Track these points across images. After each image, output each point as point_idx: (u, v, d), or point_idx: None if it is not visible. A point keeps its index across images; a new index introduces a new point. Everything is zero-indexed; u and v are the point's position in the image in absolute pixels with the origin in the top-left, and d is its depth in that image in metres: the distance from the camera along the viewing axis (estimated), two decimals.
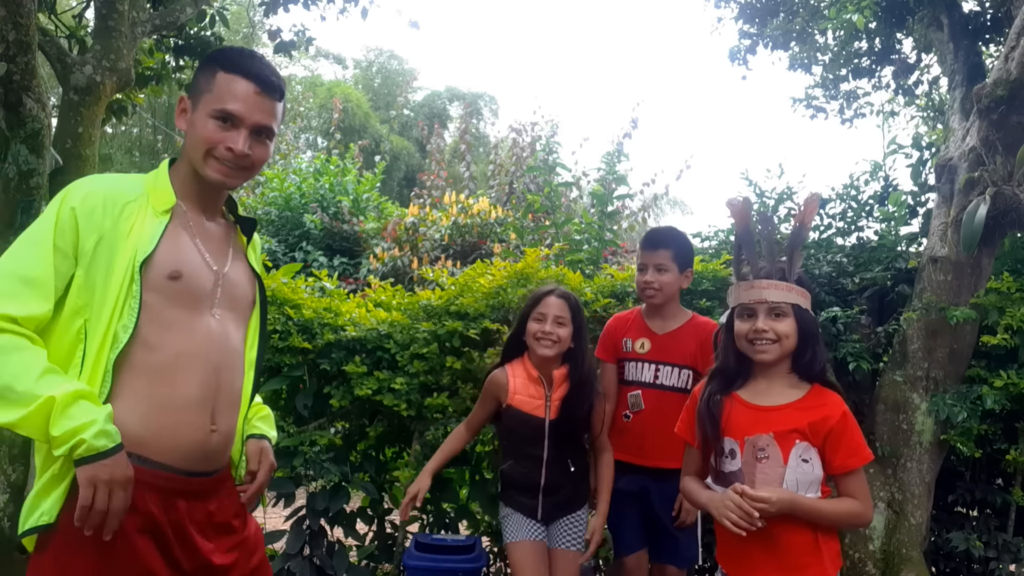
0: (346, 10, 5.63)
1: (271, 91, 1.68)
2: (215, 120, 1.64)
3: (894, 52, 6.19)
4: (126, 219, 1.59)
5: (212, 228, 1.74)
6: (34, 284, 1.51)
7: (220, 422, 1.65)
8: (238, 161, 1.66)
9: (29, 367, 1.45)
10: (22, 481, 3.25)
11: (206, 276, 1.66)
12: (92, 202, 1.57)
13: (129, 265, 1.55)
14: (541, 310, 2.64)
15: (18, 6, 3.16)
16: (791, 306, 1.99)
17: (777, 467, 1.93)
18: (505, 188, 9.14)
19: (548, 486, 2.68)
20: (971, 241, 3.36)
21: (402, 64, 24.29)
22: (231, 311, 1.71)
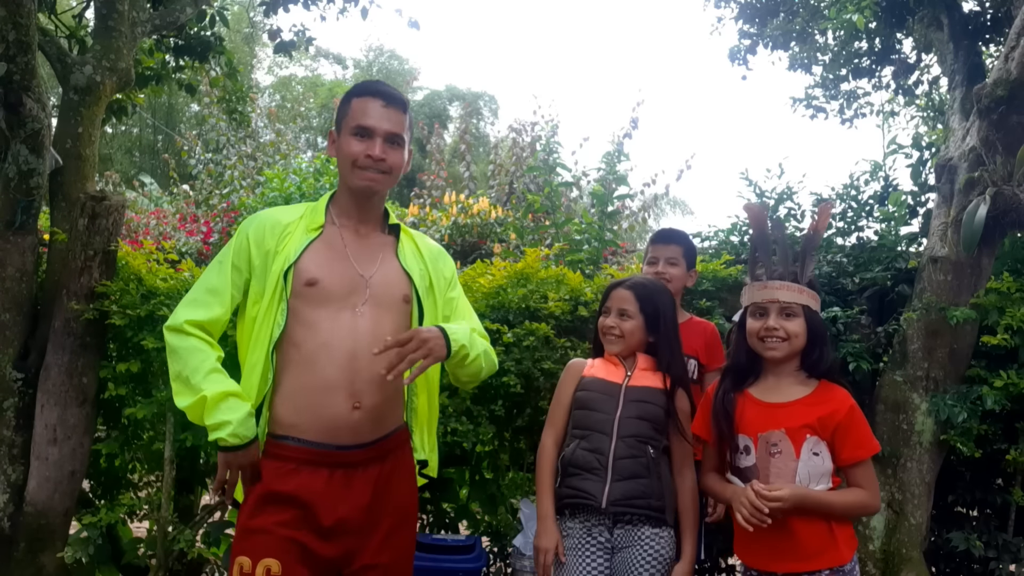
0: (346, 10, 5.63)
1: (395, 104, 2.03)
2: (355, 137, 2.00)
3: (894, 52, 6.19)
4: (283, 239, 1.98)
5: (365, 239, 2.06)
6: (215, 293, 1.97)
7: (364, 400, 1.93)
8: (378, 166, 1.99)
9: (201, 365, 1.88)
10: (22, 481, 3.26)
11: (349, 280, 1.97)
12: (261, 228, 2.00)
13: (279, 275, 1.93)
14: (607, 303, 2.49)
15: (18, 6, 3.16)
16: (801, 307, 2.10)
17: (790, 461, 2.03)
18: (505, 188, 9.13)
19: (619, 464, 2.26)
20: (971, 241, 3.36)
21: (402, 64, 24.30)
22: (379, 307, 1.99)
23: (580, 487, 2.29)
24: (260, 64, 22.27)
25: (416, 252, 2.14)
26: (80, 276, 3.24)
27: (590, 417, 2.35)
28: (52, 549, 3.22)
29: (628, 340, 2.43)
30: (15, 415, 3.29)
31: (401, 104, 2.05)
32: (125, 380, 3.25)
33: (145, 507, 3.39)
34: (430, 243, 2.23)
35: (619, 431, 2.30)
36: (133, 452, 3.45)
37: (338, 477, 1.92)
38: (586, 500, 2.27)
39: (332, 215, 2.06)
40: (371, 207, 2.09)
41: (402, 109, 2.04)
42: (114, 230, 3.28)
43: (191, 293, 2.01)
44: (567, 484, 2.33)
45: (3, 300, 3.33)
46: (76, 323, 3.22)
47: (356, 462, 1.95)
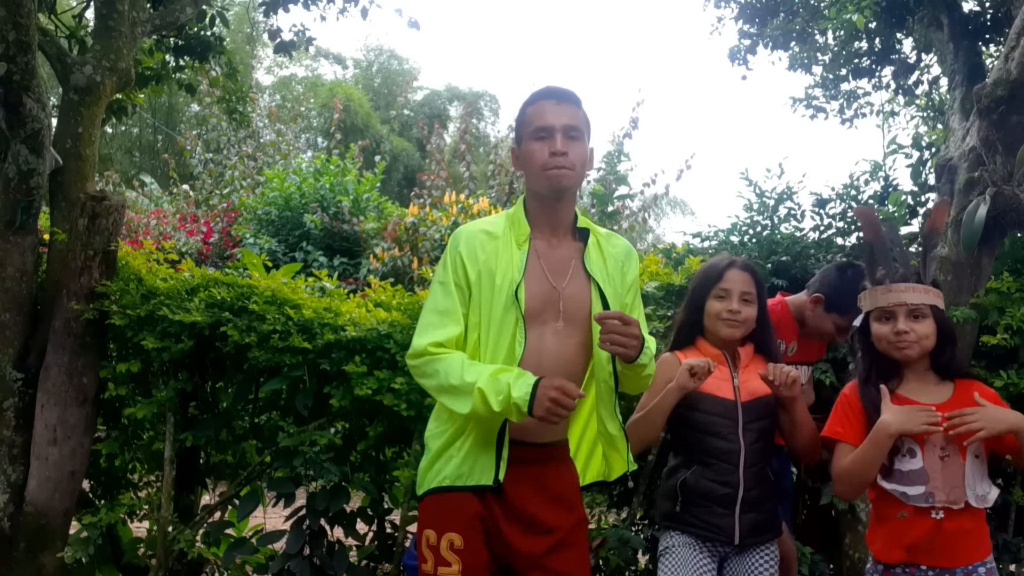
0: (346, 10, 5.63)
1: (568, 100, 2.04)
2: (536, 141, 2.01)
3: (894, 52, 6.19)
4: (495, 252, 2.02)
5: (557, 249, 2.07)
6: (448, 314, 2.01)
7: None
8: (560, 161, 1.98)
9: (454, 368, 1.93)
10: (22, 481, 3.26)
11: (547, 294, 2.01)
12: (472, 243, 2.03)
13: (509, 291, 1.97)
14: (724, 286, 2.33)
15: (18, 6, 3.16)
16: (929, 307, 2.09)
17: (958, 466, 2.04)
18: (505, 188, 9.13)
19: (748, 496, 2.20)
20: (971, 241, 3.36)
21: (402, 64, 24.29)
22: (570, 322, 2.02)
23: (710, 522, 2.24)
24: (260, 64, 22.28)
25: (600, 256, 2.11)
26: (80, 276, 3.23)
27: (712, 444, 2.25)
28: (52, 549, 3.22)
29: (747, 327, 2.33)
30: (15, 415, 3.29)
31: (574, 100, 2.06)
32: (125, 380, 3.24)
33: (145, 507, 3.38)
34: (615, 244, 2.17)
35: (746, 462, 2.23)
36: (133, 452, 3.45)
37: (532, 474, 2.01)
38: (718, 536, 2.24)
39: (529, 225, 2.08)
40: (561, 212, 2.08)
41: (576, 104, 2.05)
42: (114, 230, 3.28)
43: (423, 319, 2.04)
44: (695, 515, 2.26)
45: (3, 300, 3.33)
46: (76, 323, 3.22)
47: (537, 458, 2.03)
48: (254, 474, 3.37)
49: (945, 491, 2.02)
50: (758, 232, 4.33)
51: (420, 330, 2.03)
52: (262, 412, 3.49)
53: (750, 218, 4.44)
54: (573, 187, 2.07)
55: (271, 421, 3.34)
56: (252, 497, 3.30)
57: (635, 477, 3.51)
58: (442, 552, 1.96)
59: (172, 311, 3.09)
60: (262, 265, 3.57)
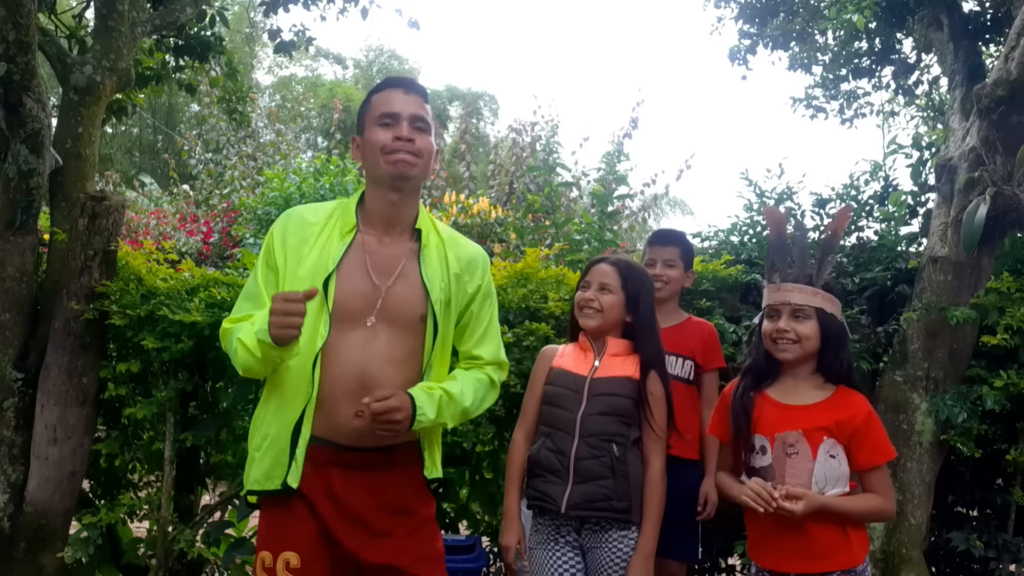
0: (346, 10, 5.63)
1: (415, 91, 2.00)
2: (381, 127, 1.93)
3: (894, 52, 6.19)
4: (313, 240, 1.93)
5: (389, 247, 1.97)
6: (252, 298, 1.97)
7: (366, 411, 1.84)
8: (406, 146, 1.91)
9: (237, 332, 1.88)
10: (22, 481, 3.26)
11: (366, 293, 1.90)
12: (285, 226, 1.96)
13: (315, 282, 1.86)
14: (587, 277, 2.41)
15: (18, 6, 3.16)
16: (814, 309, 2.10)
17: (806, 462, 2.05)
18: (505, 188, 9.13)
19: (581, 466, 2.21)
20: (971, 241, 3.37)
21: (403, 64, 24.29)
22: (392, 325, 1.92)
23: (542, 490, 2.27)
24: (260, 64, 22.28)
25: (442, 260, 2.01)
26: (80, 276, 3.24)
27: (555, 415, 2.31)
28: (52, 549, 3.22)
29: (606, 315, 2.35)
30: (15, 415, 3.29)
31: (421, 91, 2.01)
32: (125, 380, 3.25)
33: (145, 507, 3.39)
34: (464, 248, 2.08)
35: (581, 430, 2.25)
36: (133, 452, 3.46)
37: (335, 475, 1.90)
38: (547, 504, 2.26)
39: (359, 219, 1.98)
40: (402, 208, 1.98)
41: (423, 97, 2.01)
42: (114, 230, 3.28)
43: (236, 303, 2.03)
44: (532, 485, 2.32)
45: (3, 300, 3.34)
46: (76, 323, 3.22)
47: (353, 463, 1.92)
48: None
49: (788, 487, 2.03)
50: (758, 232, 4.33)
51: (230, 316, 2.00)
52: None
53: (750, 218, 4.44)
54: (416, 179, 1.97)
55: None
56: None
57: None
58: (278, 573, 1.85)
59: (172, 311, 3.09)
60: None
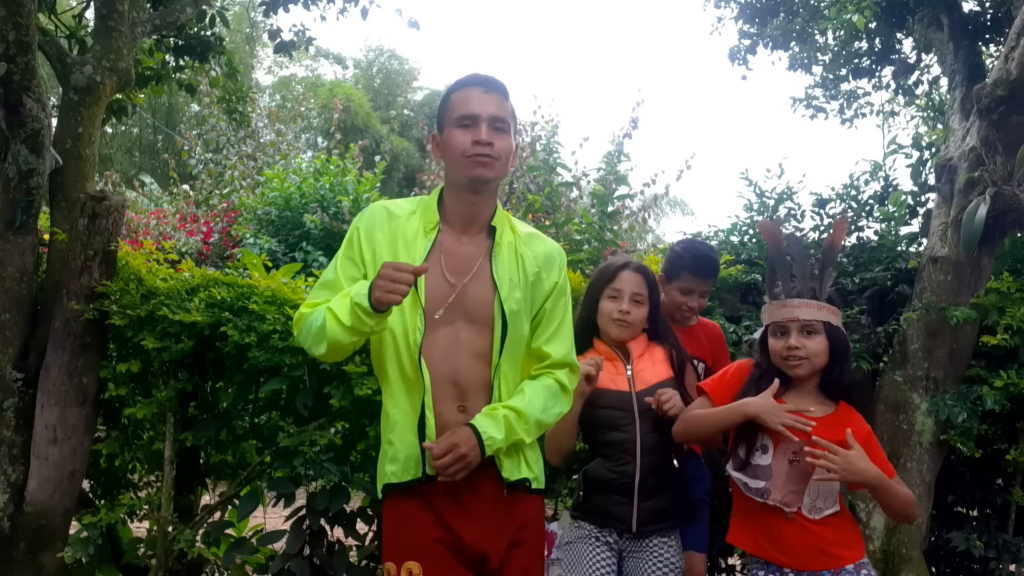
0: (346, 10, 5.62)
1: (496, 89, 1.96)
2: (459, 128, 1.92)
3: (894, 52, 6.19)
4: (393, 234, 1.94)
5: (466, 246, 1.98)
6: (330, 287, 1.95)
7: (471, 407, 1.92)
8: (485, 151, 1.89)
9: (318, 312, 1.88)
10: (22, 481, 3.25)
11: (441, 290, 1.92)
12: (371, 220, 1.97)
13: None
14: (616, 286, 2.35)
15: (18, 6, 3.16)
16: (822, 324, 2.09)
17: (803, 474, 2.04)
18: (505, 188, 9.12)
19: (645, 484, 2.24)
20: (971, 241, 3.37)
21: (402, 64, 24.28)
22: (469, 321, 1.94)
23: (609, 510, 2.26)
24: (260, 64, 22.27)
25: (517, 258, 1.99)
26: (80, 276, 3.23)
27: (608, 437, 2.29)
28: (52, 549, 3.22)
29: (638, 327, 2.35)
30: (15, 415, 3.29)
31: (502, 90, 1.98)
32: (125, 380, 3.24)
33: (145, 507, 3.39)
34: (542, 245, 2.06)
35: (643, 450, 2.25)
36: (133, 452, 3.46)
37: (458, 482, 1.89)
38: (616, 524, 2.26)
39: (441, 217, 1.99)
40: (479, 207, 1.98)
41: (504, 95, 1.97)
42: (114, 230, 3.28)
43: (310, 294, 2.01)
44: (593, 501, 2.30)
45: (3, 300, 3.33)
46: (76, 323, 3.22)
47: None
48: (254, 474, 3.37)
49: (782, 492, 2.05)
50: (758, 232, 4.33)
51: (305, 302, 1.99)
52: (262, 412, 3.49)
53: (750, 218, 4.44)
54: (494, 180, 1.96)
55: (271, 421, 3.34)
56: (252, 497, 3.30)
57: None
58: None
59: (172, 311, 3.09)
60: (262, 265, 3.57)
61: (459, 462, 1.83)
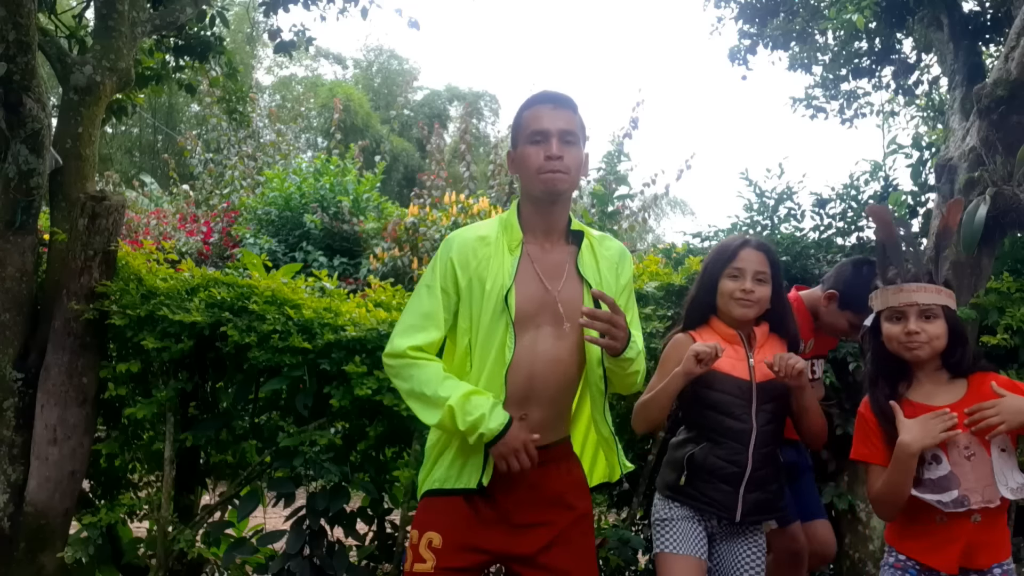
0: (346, 10, 5.63)
1: (564, 105, 2.06)
2: (532, 144, 2.02)
3: (894, 52, 6.20)
4: (488, 259, 2.03)
5: (551, 253, 2.08)
6: (430, 317, 2.04)
7: (532, 414, 2.01)
8: (556, 165, 1.99)
9: (432, 377, 1.97)
10: (22, 481, 3.25)
11: (541, 298, 2.02)
12: (464, 250, 2.05)
13: (499, 297, 1.99)
14: (738, 265, 2.28)
15: (18, 6, 3.16)
16: (941, 307, 2.05)
17: (985, 463, 1.99)
18: (505, 188, 9.13)
19: (755, 476, 2.20)
20: (971, 241, 3.36)
21: (402, 64, 24.29)
22: (555, 325, 2.03)
23: (713, 497, 2.23)
24: (260, 64, 22.29)
25: (593, 259, 2.12)
26: (80, 276, 3.23)
27: (723, 423, 2.23)
28: (52, 549, 3.22)
29: (761, 307, 2.28)
30: (15, 415, 3.29)
31: (570, 105, 2.08)
32: (125, 380, 3.24)
33: (145, 507, 3.39)
34: (609, 245, 2.18)
35: (756, 442, 2.21)
36: (133, 452, 3.45)
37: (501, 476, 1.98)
38: (719, 512, 2.24)
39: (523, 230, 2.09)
40: (556, 216, 2.09)
41: (572, 110, 2.07)
42: (114, 230, 3.28)
43: (405, 320, 2.07)
44: (698, 488, 2.25)
45: (3, 300, 3.33)
46: (76, 323, 3.22)
47: None
48: (254, 474, 3.37)
49: (979, 491, 1.97)
50: (758, 232, 4.33)
51: (401, 330, 2.05)
52: (262, 412, 3.49)
53: (750, 218, 4.45)
54: (568, 191, 2.07)
55: (271, 421, 3.34)
56: (252, 497, 3.30)
57: (635, 477, 3.51)
58: (420, 549, 2.00)
59: (172, 311, 3.09)
60: (262, 265, 3.57)
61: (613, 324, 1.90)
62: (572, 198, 2.14)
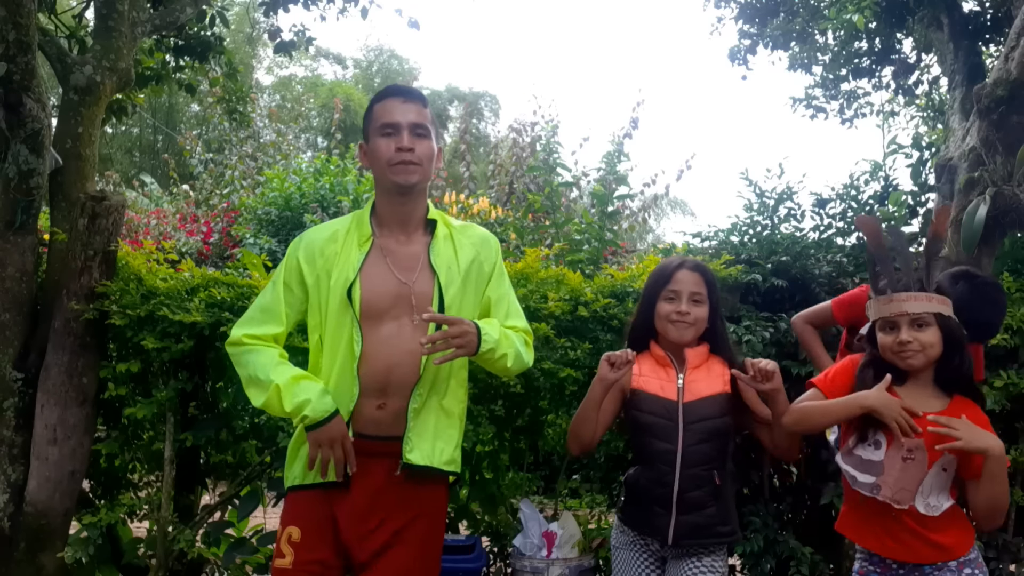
0: (346, 10, 5.63)
1: (414, 98, 2.09)
2: (383, 137, 2.04)
3: (894, 52, 6.20)
4: (335, 256, 2.05)
5: (407, 245, 2.09)
6: (268, 311, 2.08)
7: (391, 403, 2.01)
8: (407, 156, 2.02)
9: (267, 362, 2.01)
10: (22, 481, 3.26)
11: (396, 291, 2.02)
12: (311, 247, 2.08)
13: (342, 292, 2.00)
14: (673, 287, 2.29)
15: (18, 6, 3.16)
16: (934, 315, 2.04)
17: (919, 471, 2.01)
18: (505, 188, 9.13)
19: (685, 498, 2.18)
20: (971, 241, 3.37)
21: (402, 64, 24.29)
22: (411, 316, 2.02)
23: (648, 521, 2.24)
24: (260, 64, 22.28)
25: (451, 247, 2.11)
26: (80, 276, 3.24)
27: (652, 446, 2.23)
28: (52, 549, 3.22)
29: (698, 328, 2.29)
30: (15, 415, 3.29)
31: (419, 98, 2.11)
32: (125, 380, 3.25)
33: (145, 507, 3.39)
34: (472, 233, 2.18)
35: (683, 463, 2.19)
36: (133, 452, 3.46)
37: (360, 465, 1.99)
38: (653, 535, 2.24)
39: (374, 226, 2.11)
40: (410, 208, 2.10)
41: (422, 103, 2.10)
42: (114, 230, 3.28)
43: (247, 312, 2.13)
44: (631, 511, 2.31)
45: (3, 300, 3.34)
46: (76, 323, 3.22)
47: (372, 451, 2.01)
48: (254, 474, 3.37)
49: (892, 488, 2.01)
50: (758, 232, 4.33)
51: (241, 322, 2.11)
52: (262, 412, 3.49)
53: (750, 218, 4.44)
54: (420, 183, 2.08)
55: (271, 421, 3.34)
56: (252, 497, 3.30)
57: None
58: (280, 544, 2.02)
59: (172, 311, 3.09)
60: (262, 265, 3.57)
61: (453, 336, 1.92)
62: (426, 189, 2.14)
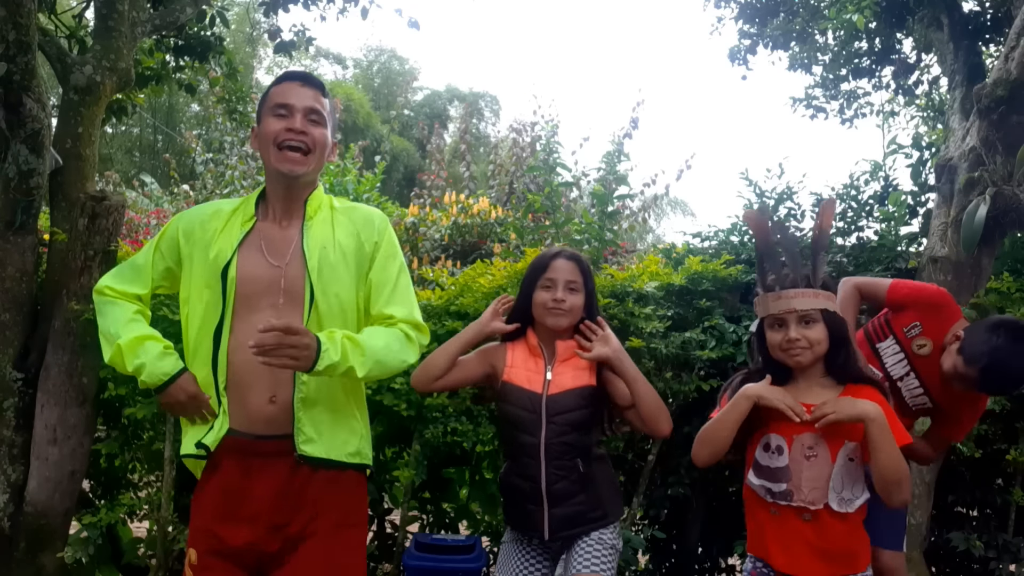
0: (346, 10, 5.63)
1: (312, 84, 2.01)
2: (275, 117, 1.96)
3: (894, 52, 6.20)
4: (217, 232, 1.99)
5: (287, 229, 2.01)
6: (138, 270, 2.08)
7: (280, 395, 1.92)
8: (299, 139, 1.94)
9: (120, 317, 2.02)
10: (22, 481, 3.26)
11: (268, 275, 1.95)
12: (192, 220, 2.04)
13: (216, 269, 1.94)
14: (550, 275, 2.28)
15: (18, 6, 3.16)
16: (820, 312, 2.04)
17: (825, 466, 2.00)
18: (505, 188, 9.13)
19: (553, 490, 2.19)
20: (971, 241, 3.37)
21: (402, 64, 24.30)
22: (291, 301, 1.95)
23: (523, 519, 2.25)
24: (260, 64, 22.29)
25: (330, 229, 2.02)
26: (80, 276, 3.24)
27: (518, 439, 2.24)
28: (52, 549, 3.22)
29: (574, 316, 2.27)
30: (15, 415, 3.29)
31: (319, 86, 2.03)
32: (125, 380, 3.24)
33: (145, 507, 3.39)
34: (359, 211, 2.09)
35: (547, 455, 2.20)
36: (133, 452, 3.45)
37: (255, 466, 1.91)
38: (532, 533, 2.25)
39: (261, 210, 2.04)
40: (296, 193, 2.02)
41: (321, 91, 2.02)
42: (114, 230, 3.28)
43: (120, 265, 2.14)
44: (509, 508, 2.32)
45: (3, 300, 3.33)
46: (76, 323, 3.22)
47: (270, 452, 1.91)
48: None
49: (805, 490, 2.00)
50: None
51: (112, 272, 2.12)
52: None
53: None
54: (306, 174, 1.98)
55: None
56: None
57: (635, 477, 3.51)
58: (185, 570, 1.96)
59: (172, 311, 3.09)
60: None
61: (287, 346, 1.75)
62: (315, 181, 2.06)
